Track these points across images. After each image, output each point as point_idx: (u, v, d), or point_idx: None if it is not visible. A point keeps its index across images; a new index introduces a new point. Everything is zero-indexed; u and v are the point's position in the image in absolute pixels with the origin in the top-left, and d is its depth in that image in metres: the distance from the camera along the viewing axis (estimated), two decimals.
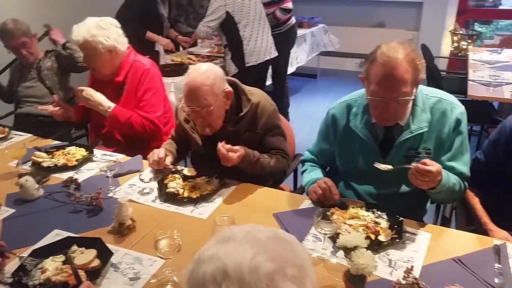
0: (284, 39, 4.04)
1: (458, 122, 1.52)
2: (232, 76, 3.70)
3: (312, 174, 1.72)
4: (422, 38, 5.58)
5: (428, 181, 1.37)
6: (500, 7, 6.52)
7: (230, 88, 1.73)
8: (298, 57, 4.94)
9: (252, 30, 3.47)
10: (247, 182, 1.76)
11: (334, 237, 1.33)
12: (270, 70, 4.13)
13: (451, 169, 1.53)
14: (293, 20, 4.12)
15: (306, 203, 1.61)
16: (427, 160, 1.38)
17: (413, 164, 1.39)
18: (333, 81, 5.89)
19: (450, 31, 5.54)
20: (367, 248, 1.29)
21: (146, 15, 3.69)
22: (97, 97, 2.13)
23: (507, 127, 1.60)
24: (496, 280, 1.21)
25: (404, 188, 1.59)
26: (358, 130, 1.59)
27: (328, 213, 1.40)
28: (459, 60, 5.17)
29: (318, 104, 4.96)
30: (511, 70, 3.28)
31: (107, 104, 2.13)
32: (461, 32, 5.45)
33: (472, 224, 1.67)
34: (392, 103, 1.41)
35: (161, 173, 1.81)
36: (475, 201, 1.65)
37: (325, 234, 1.29)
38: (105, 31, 2.07)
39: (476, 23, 6.26)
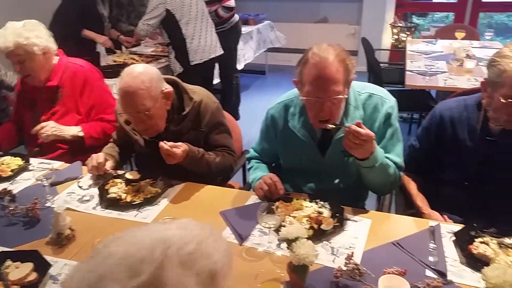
0: (229, 37, 4.04)
1: (388, 115, 1.57)
2: (177, 75, 3.73)
3: (258, 171, 1.74)
4: (363, 31, 5.77)
5: (358, 144, 1.40)
6: (435, 1, 6.90)
7: (169, 88, 1.70)
8: (246, 54, 4.96)
9: (194, 28, 3.46)
10: (194, 181, 1.74)
11: (278, 230, 1.35)
12: (218, 69, 4.14)
13: None
14: (236, 17, 4.13)
15: (253, 199, 1.62)
16: (361, 123, 1.41)
17: (347, 125, 1.42)
18: (282, 77, 5.96)
19: (390, 24, 5.77)
20: (311, 238, 1.33)
21: (86, 15, 3.57)
22: (63, 128, 2.01)
23: (437, 113, 1.68)
24: (431, 259, 1.27)
25: (345, 182, 1.64)
26: (297, 130, 1.61)
27: (273, 207, 1.42)
28: (399, 52, 5.39)
29: (268, 99, 4.91)
30: (445, 60, 3.46)
31: (76, 129, 2.03)
32: (400, 24, 5.69)
33: (412, 208, 1.76)
34: (327, 102, 1.44)
35: (102, 179, 1.75)
36: (411, 187, 1.72)
37: (269, 227, 1.30)
38: (35, 31, 1.96)
39: (413, 16, 6.58)
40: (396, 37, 5.67)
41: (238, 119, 4.32)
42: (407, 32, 5.57)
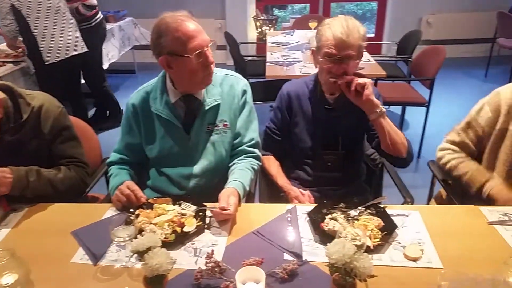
0: (94, 34, 3.89)
1: (244, 92, 1.70)
2: (36, 77, 3.42)
3: (116, 179, 1.63)
4: (229, 26, 5.89)
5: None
6: None
7: (1, 95, 1.51)
8: (109, 53, 4.68)
9: (46, 25, 3.24)
10: (40, 202, 1.56)
11: None
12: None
13: (243, 136, 1.68)
14: (100, 14, 3.99)
15: (111, 212, 1.51)
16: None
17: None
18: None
19: (252, 18, 5.98)
20: (174, 243, 1.30)
21: None
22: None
23: (284, 92, 1.84)
24: (288, 242, 1.33)
25: (211, 162, 1.65)
26: (160, 112, 1.61)
27: (132, 217, 1.34)
28: (263, 44, 5.62)
29: None
30: (300, 49, 3.70)
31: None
32: (262, 17, 5.94)
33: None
34: (208, 51, 1.52)
35: None
36: (272, 168, 1.83)
37: (124, 240, 1.22)
38: None
39: (274, 8, 6.92)
40: (260, 30, 5.91)
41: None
42: (269, 25, 5.83)
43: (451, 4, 6.00)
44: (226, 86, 1.67)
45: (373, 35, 6.45)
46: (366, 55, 3.50)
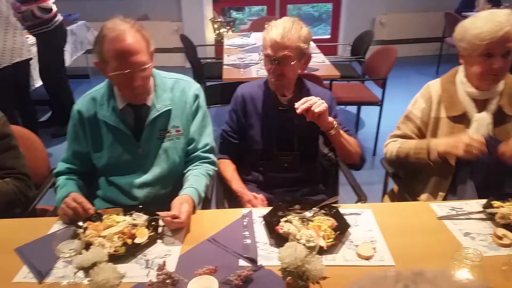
0: (55, 36, 3.82)
1: (196, 97, 1.66)
2: None
3: (63, 191, 1.55)
4: (186, 28, 5.82)
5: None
6: None
7: None
8: None
9: None
10: None
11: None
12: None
13: (197, 142, 1.65)
14: (60, 17, 3.90)
15: (58, 226, 1.44)
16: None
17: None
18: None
19: (210, 20, 5.93)
20: (124, 256, 1.25)
21: None
22: None
23: (239, 94, 1.83)
24: (244, 247, 1.31)
25: (164, 170, 1.61)
26: (107, 119, 1.55)
27: (78, 231, 1.28)
28: (222, 47, 5.59)
29: None
30: (257, 51, 3.70)
31: None
32: (219, 19, 5.91)
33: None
34: (137, 73, 1.43)
35: None
36: (227, 172, 1.80)
37: (70, 256, 1.16)
38: None
39: (232, 10, 6.90)
40: (218, 32, 5.88)
41: None
42: (227, 27, 5.81)
43: (402, 5, 6.21)
44: (177, 91, 1.63)
45: (329, 36, 6.57)
46: (320, 56, 3.55)
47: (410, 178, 1.81)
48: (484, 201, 1.48)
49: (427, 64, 5.99)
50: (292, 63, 1.63)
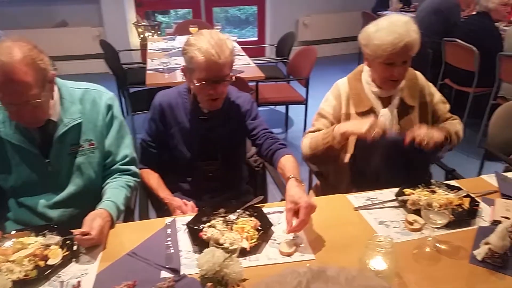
0: None
1: (109, 107, 1.56)
2: None
3: None
4: (108, 33, 5.59)
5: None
6: None
7: None
8: None
9: None
10: None
11: None
12: None
13: (115, 154, 1.57)
14: None
15: None
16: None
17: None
18: None
19: (133, 24, 5.75)
20: (36, 280, 1.16)
21: None
22: None
23: (156, 103, 1.75)
24: (167, 255, 1.27)
25: (79, 187, 1.53)
26: (10, 138, 1.43)
27: None
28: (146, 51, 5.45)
29: None
30: (182, 55, 3.64)
31: None
32: (143, 23, 5.75)
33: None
34: (27, 107, 1.30)
35: None
36: (152, 181, 1.74)
37: None
38: None
39: (156, 14, 6.74)
40: (142, 36, 5.71)
41: None
42: (151, 31, 5.67)
43: (323, 6, 6.46)
44: (87, 102, 1.53)
45: (256, 38, 6.67)
46: (246, 59, 3.59)
47: (331, 174, 1.88)
48: (397, 189, 1.58)
49: (348, 62, 6.27)
50: (229, 79, 1.59)
